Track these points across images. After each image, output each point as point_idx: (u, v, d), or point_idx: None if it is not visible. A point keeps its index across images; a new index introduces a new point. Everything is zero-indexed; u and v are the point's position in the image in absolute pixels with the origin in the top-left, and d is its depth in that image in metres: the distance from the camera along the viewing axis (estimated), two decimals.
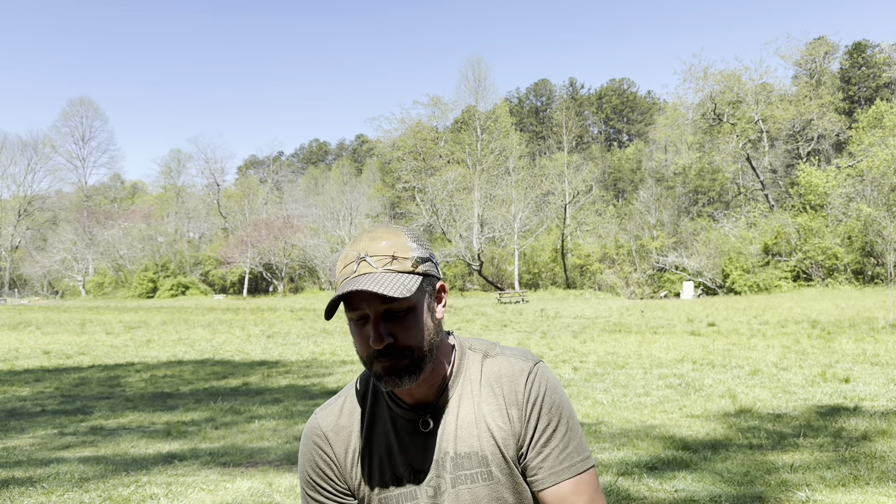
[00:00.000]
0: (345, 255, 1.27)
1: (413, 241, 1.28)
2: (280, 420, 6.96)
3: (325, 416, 1.37)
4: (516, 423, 1.28)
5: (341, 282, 1.23)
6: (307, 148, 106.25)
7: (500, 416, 1.29)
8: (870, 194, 39.18)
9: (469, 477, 1.27)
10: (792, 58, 54.31)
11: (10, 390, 9.43)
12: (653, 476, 4.34)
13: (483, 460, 1.27)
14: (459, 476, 1.27)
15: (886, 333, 13.72)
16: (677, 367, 10.03)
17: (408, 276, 1.22)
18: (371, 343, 1.19)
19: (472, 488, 1.27)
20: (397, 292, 1.17)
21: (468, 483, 1.27)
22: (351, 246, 1.28)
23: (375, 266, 1.22)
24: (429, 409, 1.30)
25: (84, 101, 76.45)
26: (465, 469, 1.27)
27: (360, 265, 1.22)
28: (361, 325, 1.22)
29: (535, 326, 19.28)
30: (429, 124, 58.27)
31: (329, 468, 1.33)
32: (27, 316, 29.47)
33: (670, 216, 56.06)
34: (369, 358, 1.22)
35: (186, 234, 73.38)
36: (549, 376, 1.32)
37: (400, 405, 1.31)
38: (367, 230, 1.31)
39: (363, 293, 1.19)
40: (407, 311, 1.21)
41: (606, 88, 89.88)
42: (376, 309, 1.20)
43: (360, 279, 1.19)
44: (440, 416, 1.30)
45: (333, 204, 63.89)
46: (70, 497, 4.13)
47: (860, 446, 4.99)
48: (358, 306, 1.21)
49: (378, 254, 1.23)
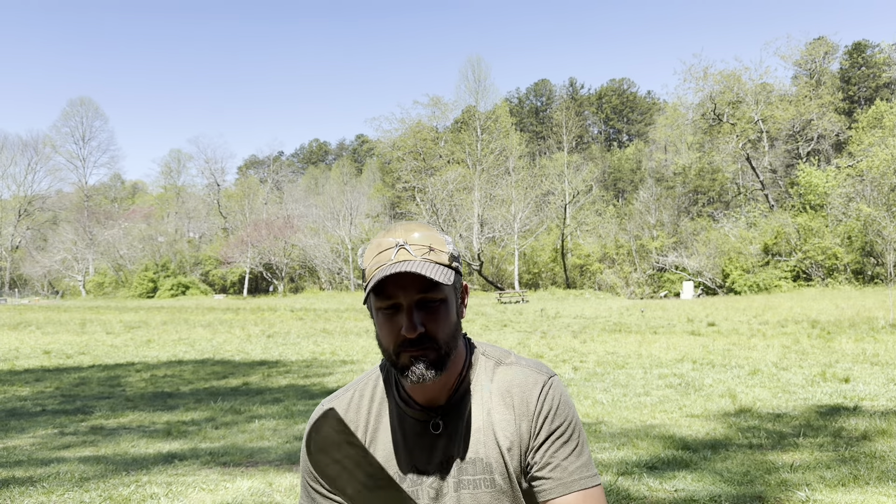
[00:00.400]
0: (377, 243, 1.26)
1: (446, 237, 1.29)
2: (280, 420, 6.96)
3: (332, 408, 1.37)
4: (525, 434, 1.27)
5: (376, 269, 1.22)
6: (307, 148, 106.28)
7: (509, 426, 1.28)
8: (870, 194, 39.18)
9: (472, 483, 1.27)
10: (792, 58, 54.37)
11: (11, 390, 9.43)
12: (653, 476, 4.35)
13: (487, 468, 1.27)
14: (462, 481, 1.27)
15: (886, 333, 13.72)
16: (677, 367, 10.03)
17: (445, 268, 1.23)
18: (404, 331, 1.19)
19: (474, 494, 1.27)
20: (442, 278, 1.18)
21: (471, 489, 1.27)
22: (383, 235, 1.27)
23: (414, 254, 1.22)
24: (439, 411, 1.30)
25: (84, 101, 76.55)
26: (468, 474, 1.27)
27: (398, 252, 1.22)
28: (391, 314, 1.22)
29: (535, 326, 19.28)
30: (429, 124, 58.29)
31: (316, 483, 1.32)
32: (27, 316, 29.47)
33: (670, 216, 56.06)
34: (396, 349, 1.22)
35: (186, 234, 73.39)
36: (562, 390, 1.32)
37: (410, 405, 1.31)
38: (397, 223, 1.31)
39: (400, 280, 1.19)
40: (440, 303, 1.22)
41: (606, 88, 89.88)
42: (411, 297, 1.20)
43: (401, 265, 1.19)
44: (449, 420, 1.29)
45: (333, 204, 63.90)
46: (70, 497, 4.14)
47: (860, 446, 5.00)
48: (392, 294, 1.21)
49: (416, 243, 1.23)
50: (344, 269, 60.14)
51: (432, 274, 1.18)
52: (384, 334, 1.24)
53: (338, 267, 60.47)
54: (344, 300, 43.40)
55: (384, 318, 1.23)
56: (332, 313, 28.15)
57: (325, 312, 28.93)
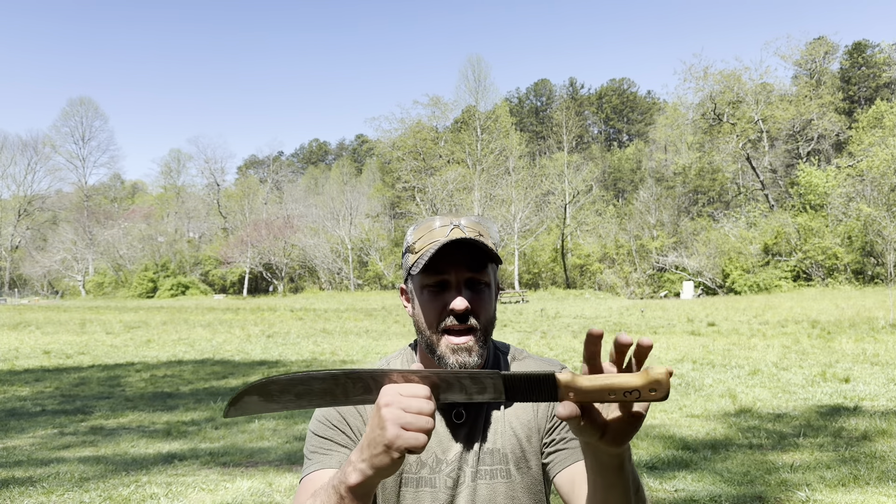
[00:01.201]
0: (428, 224, 1.30)
1: (493, 226, 1.34)
2: (280, 420, 6.96)
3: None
4: (542, 419, 1.32)
5: (429, 243, 1.25)
6: (307, 148, 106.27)
7: (526, 415, 1.32)
8: (870, 194, 39.17)
9: (489, 473, 1.29)
10: (792, 58, 54.36)
11: (11, 390, 9.43)
12: (653, 475, 4.34)
13: (504, 458, 1.30)
14: (480, 471, 1.29)
15: (886, 333, 13.72)
16: (677, 367, 10.03)
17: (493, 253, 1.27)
18: (453, 303, 1.22)
19: (490, 484, 1.29)
20: (494, 256, 1.24)
21: (487, 479, 1.29)
22: (431, 219, 1.31)
23: (469, 234, 1.26)
24: (461, 403, 1.32)
25: (84, 101, 76.49)
26: (485, 465, 1.30)
27: (452, 231, 1.26)
28: (437, 291, 1.25)
29: (535, 326, 19.27)
30: (429, 124, 58.27)
31: (356, 420, 1.30)
32: (27, 316, 29.46)
33: (670, 216, 56.06)
34: (439, 329, 1.24)
35: (186, 234, 73.36)
36: None
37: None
38: (446, 213, 1.37)
39: (453, 257, 1.22)
40: (484, 286, 1.26)
41: (606, 88, 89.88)
42: (461, 275, 1.24)
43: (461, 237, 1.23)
44: (470, 410, 1.32)
45: (333, 204, 63.90)
46: (70, 497, 4.13)
47: (860, 446, 4.99)
48: (444, 269, 1.24)
49: (469, 226, 1.28)
50: (344, 269, 60.14)
51: (488, 247, 1.22)
52: (427, 311, 1.26)
53: (338, 267, 60.47)
54: (344, 300, 43.40)
55: (430, 296, 1.26)
56: (331, 313, 28.14)
57: (325, 312, 28.92)
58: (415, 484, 1.29)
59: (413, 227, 1.34)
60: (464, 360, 1.22)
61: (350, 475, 0.96)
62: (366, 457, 0.94)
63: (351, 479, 0.96)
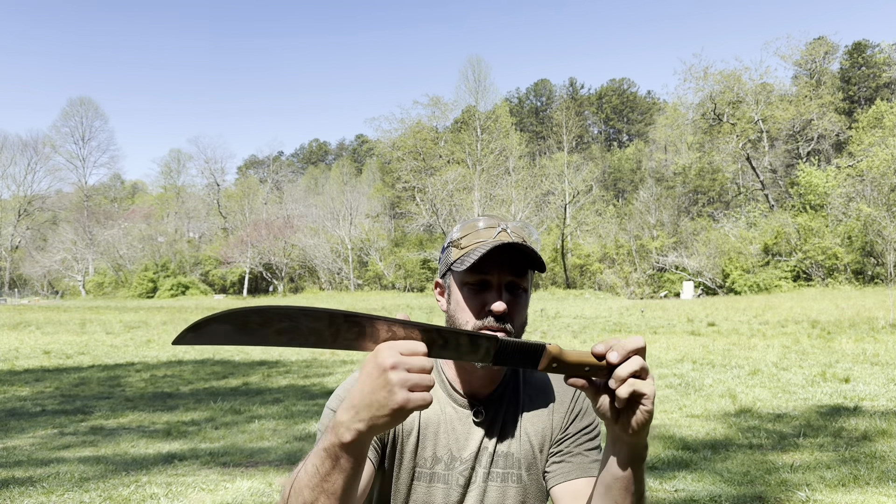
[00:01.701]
0: (473, 223, 1.31)
1: (535, 234, 1.36)
2: (280, 420, 6.96)
3: None
4: (556, 429, 1.33)
5: (476, 243, 1.26)
6: (307, 148, 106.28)
7: (541, 421, 1.33)
8: (870, 194, 39.17)
9: (500, 475, 1.30)
10: (792, 58, 54.35)
11: (10, 390, 9.43)
12: (653, 476, 4.34)
13: (517, 463, 1.30)
14: (492, 473, 1.30)
15: (886, 333, 13.72)
16: (677, 367, 10.03)
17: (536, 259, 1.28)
18: (494, 305, 1.22)
19: (500, 487, 1.30)
20: (539, 263, 1.25)
21: (498, 481, 1.30)
22: (480, 220, 1.32)
23: (514, 238, 1.27)
24: (481, 403, 1.32)
25: (84, 101, 76.48)
26: (498, 467, 1.30)
27: (500, 233, 1.27)
28: (477, 290, 1.26)
29: (535, 326, 19.28)
30: (429, 124, 58.27)
31: None
32: (27, 316, 29.46)
33: (670, 216, 56.05)
34: (476, 326, 1.25)
35: (186, 234, 73.37)
36: None
37: (455, 391, 1.33)
38: (490, 215, 1.36)
39: (499, 258, 1.23)
40: (523, 292, 1.27)
41: (606, 88, 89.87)
42: (503, 278, 1.25)
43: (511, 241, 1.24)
44: (489, 412, 1.32)
45: (333, 204, 63.91)
46: (70, 497, 4.13)
47: (860, 446, 5.00)
48: (488, 270, 1.24)
49: (515, 231, 1.29)
50: (344, 270, 60.14)
51: (535, 255, 1.23)
52: (465, 308, 1.27)
53: (338, 267, 60.47)
54: (344, 300, 43.39)
55: (469, 293, 1.27)
56: None
57: None
58: (427, 479, 1.30)
59: (459, 224, 1.35)
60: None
61: (344, 435, 0.93)
62: (364, 417, 0.91)
63: (345, 437, 0.92)
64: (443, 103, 58.39)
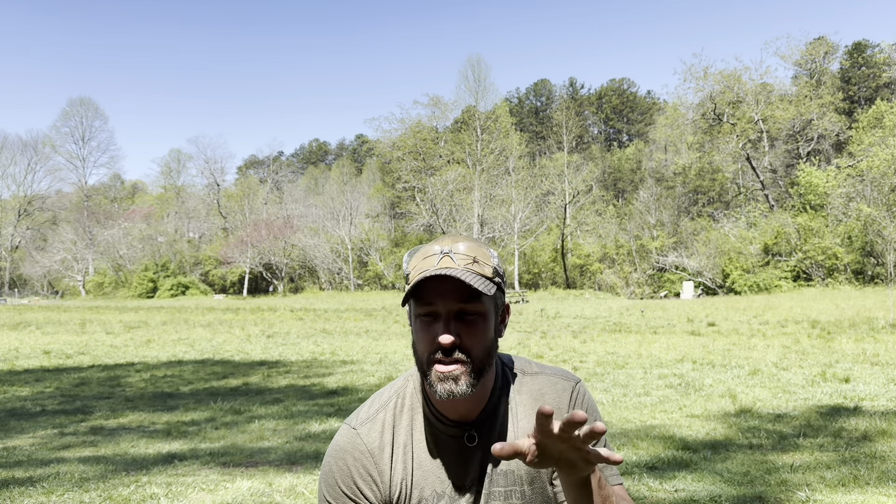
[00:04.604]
0: (422, 250, 1.27)
1: (492, 252, 1.29)
2: (280, 420, 6.96)
3: (367, 431, 1.32)
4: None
5: (418, 273, 1.22)
6: (307, 148, 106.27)
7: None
8: (870, 194, 39.18)
9: (502, 494, 1.28)
10: (792, 58, 54.37)
11: (10, 390, 9.43)
12: (653, 476, 4.34)
13: (518, 479, 1.28)
14: (493, 492, 1.28)
15: (886, 333, 13.72)
16: (677, 367, 10.03)
17: (486, 280, 1.22)
18: (439, 338, 1.18)
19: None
20: (482, 288, 1.18)
21: (501, 500, 1.28)
22: (429, 244, 1.27)
23: (457, 263, 1.21)
24: (472, 426, 1.29)
25: (84, 101, 76.45)
26: (498, 486, 1.28)
27: (442, 259, 1.21)
28: (429, 321, 1.22)
29: (535, 326, 19.28)
30: (429, 124, 58.29)
31: (368, 486, 1.29)
32: (27, 316, 29.47)
33: (670, 216, 56.07)
34: (429, 359, 1.21)
35: (186, 234, 73.38)
36: (589, 395, 1.36)
37: (442, 421, 1.29)
38: (447, 234, 1.36)
39: (440, 287, 1.19)
40: (477, 316, 1.22)
41: (606, 88, 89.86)
42: (450, 307, 1.20)
43: (443, 270, 1.19)
44: (482, 432, 1.30)
45: (333, 204, 63.92)
46: (70, 497, 4.14)
47: (860, 446, 5.00)
48: (432, 300, 1.20)
49: (461, 253, 1.23)
50: (344, 270, 60.15)
51: (472, 281, 1.17)
52: (419, 341, 1.24)
53: (338, 267, 60.48)
54: (344, 300, 43.42)
55: (421, 325, 1.23)
56: (331, 313, 28.15)
57: (325, 312, 28.93)
58: None
59: (409, 253, 1.31)
60: (451, 389, 1.19)
61: None
62: None
63: None
64: (443, 103, 58.45)
